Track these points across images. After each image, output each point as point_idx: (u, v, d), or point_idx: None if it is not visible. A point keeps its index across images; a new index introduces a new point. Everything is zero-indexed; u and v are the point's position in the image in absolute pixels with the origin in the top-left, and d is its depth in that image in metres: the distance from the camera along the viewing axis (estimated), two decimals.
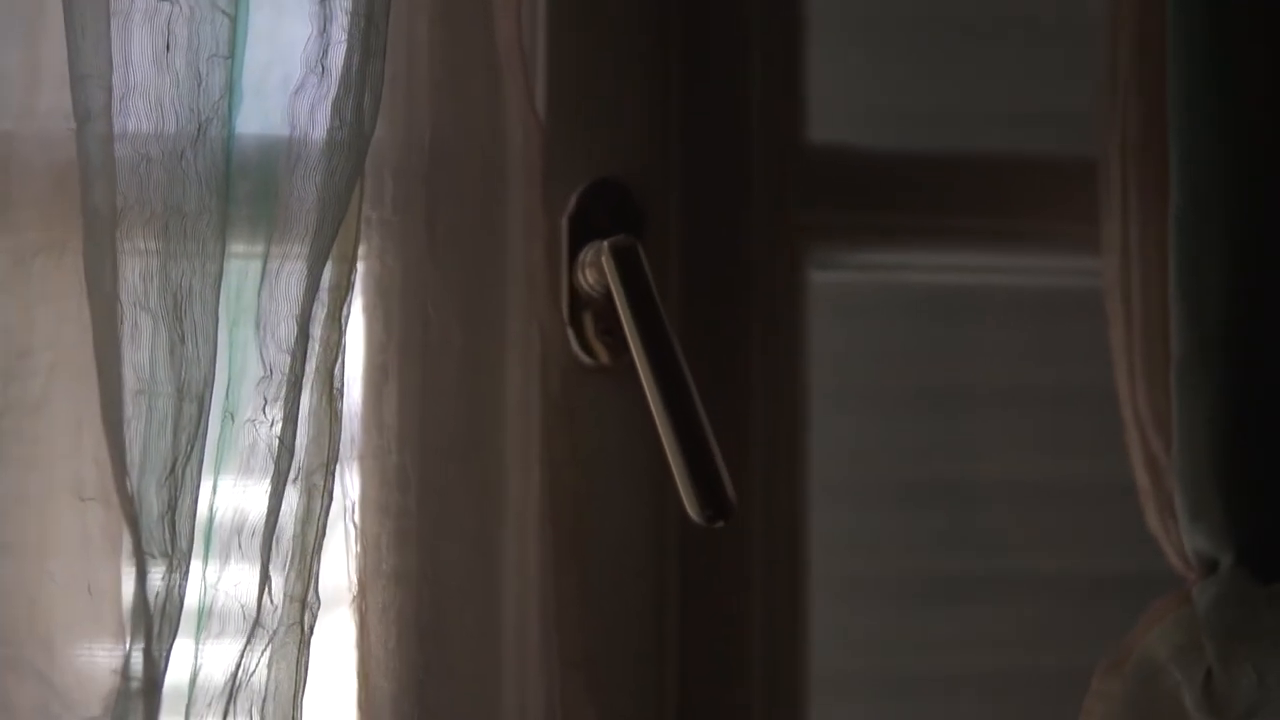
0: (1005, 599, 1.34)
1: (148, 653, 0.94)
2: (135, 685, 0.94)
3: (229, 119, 1.06)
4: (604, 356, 1.16)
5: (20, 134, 1.04)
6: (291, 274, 1.02)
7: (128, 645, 0.94)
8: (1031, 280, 1.31)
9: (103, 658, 0.95)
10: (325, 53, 1.05)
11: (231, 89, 1.07)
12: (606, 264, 1.06)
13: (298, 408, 1.01)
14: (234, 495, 1.02)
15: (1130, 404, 1.15)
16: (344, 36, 1.04)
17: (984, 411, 1.31)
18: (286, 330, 1.01)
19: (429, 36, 1.12)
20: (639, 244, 1.07)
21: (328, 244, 1.03)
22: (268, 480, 1.01)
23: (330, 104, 1.04)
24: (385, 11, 1.05)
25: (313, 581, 1.04)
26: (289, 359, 1.01)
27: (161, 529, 0.99)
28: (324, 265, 1.02)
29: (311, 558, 1.04)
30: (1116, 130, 1.17)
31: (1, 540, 0.96)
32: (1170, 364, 1.12)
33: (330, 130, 1.04)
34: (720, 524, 1.05)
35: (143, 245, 1.02)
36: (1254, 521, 1.09)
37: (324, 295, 1.05)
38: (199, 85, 1.05)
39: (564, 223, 1.14)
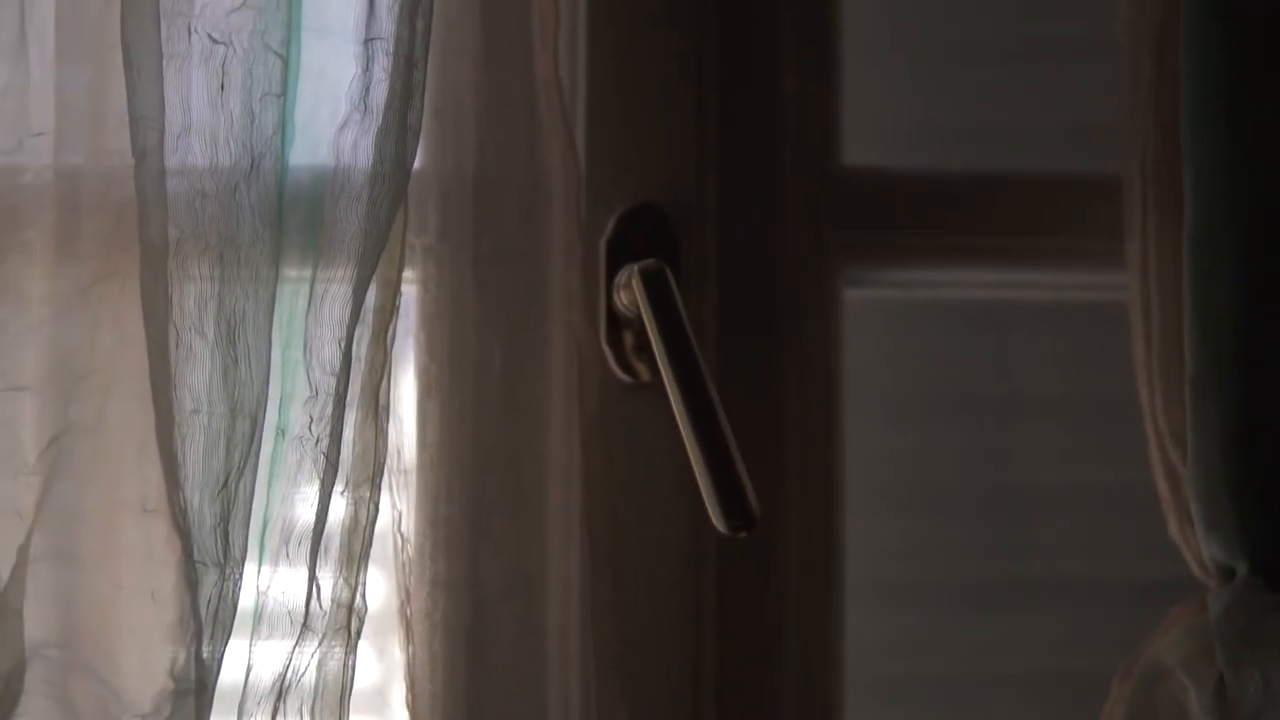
0: (1043, 604, 1.38)
1: (198, 655, 1.01)
2: (185, 686, 1.01)
3: (281, 153, 1.13)
4: (643, 374, 1.22)
5: (87, 171, 1.12)
6: (335, 299, 1.09)
7: (178, 648, 1.01)
8: (1066, 295, 1.35)
9: (157, 660, 1.02)
10: (368, 91, 1.11)
11: (284, 125, 1.13)
12: (636, 286, 1.12)
13: (342, 425, 1.08)
14: (284, 507, 1.09)
15: (1151, 417, 1.19)
16: (385, 76, 1.11)
17: (1021, 422, 1.35)
18: (330, 353, 1.08)
19: (472, 73, 1.18)
20: (667, 267, 1.13)
21: (369, 271, 1.09)
22: (314, 492, 1.08)
23: (372, 139, 1.11)
24: (424, 53, 1.11)
25: (359, 588, 1.11)
26: (333, 380, 1.08)
27: (214, 539, 1.06)
28: (366, 291, 1.09)
29: (358, 565, 1.11)
30: (1137, 150, 1.21)
31: (63, 550, 1.03)
32: (1185, 379, 1.16)
33: (372, 164, 1.10)
34: (744, 535, 1.11)
35: (198, 273, 1.09)
36: (1266, 531, 1.13)
37: (369, 318, 1.12)
38: (252, 123, 1.11)
39: (602, 246, 1.20)
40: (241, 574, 1.07)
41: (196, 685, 1.01)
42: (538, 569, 1.15)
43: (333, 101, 1.14)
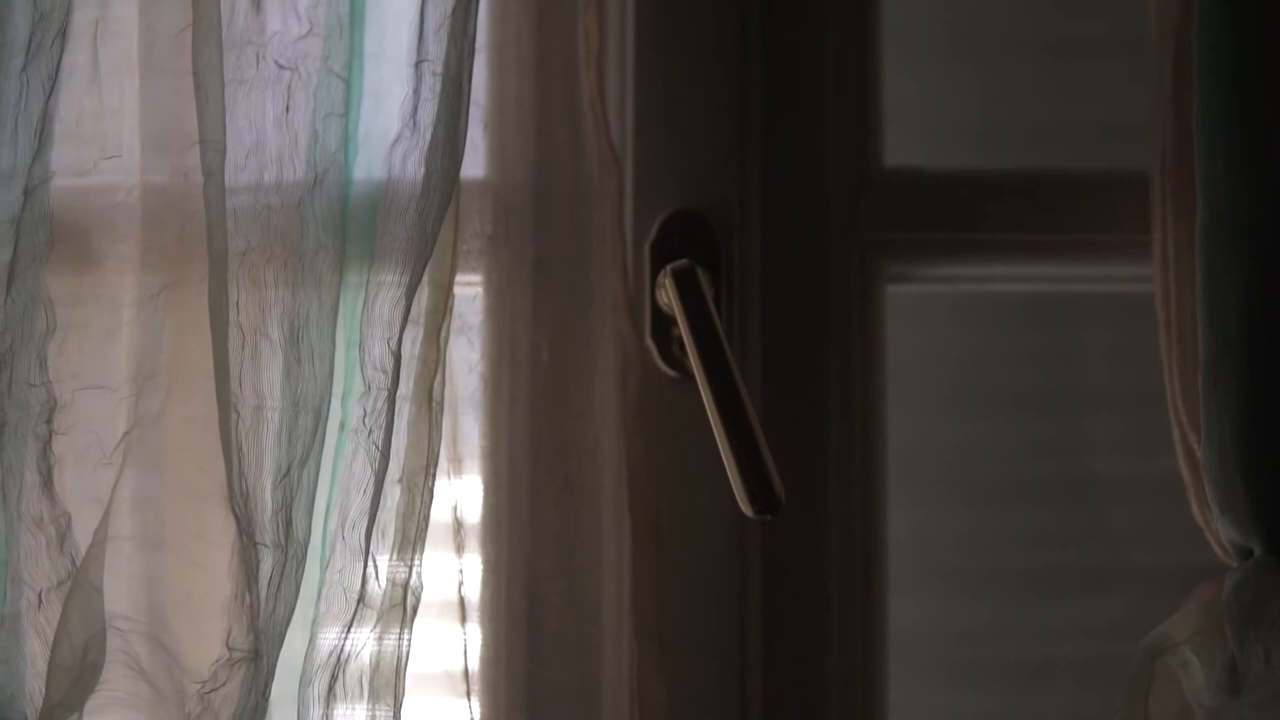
0: (1104, 590, 1.43)
1: (252, 627, 1.11)
2: (240, 655, 1.10)
3: (345, 168, 1.23)
4: (689, 367, 1.29)
5: (166, 188, 1.22)
6: (385, 302, 1.18)
7: (233, 621, 1.11)
8: (1120, 287, 1.40)
9: (214, 632, 1.12)
10: (416, 109, 1.20)
11: (346, 142, 1.23)
12: (668, 285, 1.20)
13: (392, 419, 1.17)
14: (342, 494, 1.19)
15: (1172, 403, 1.24)
16: (432, 95, 1.20)
17: (1078, 411, 1.41)
18: (380, 351, 1.17)
19: (519, 90, 1.27)
20: (697, 266, 1.21)
21: (418, 275, 1.18)
22: (368, 481, 1.17)
23: (420, 154, 1.19)
24: (469, 74, 1.20)
25: (415, 569, 1.20)
26: (384, 376, 1.17)
27: (275, 523, 1.15)
28: (415, 294, 1.18)
29: (414, 547, 1.20)
30: (1158, 146, 1.26)
31: (133, 533, 1.14)
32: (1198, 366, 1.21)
33: (420, 177, 1.19)
34: (769, 517, 1.18)
35: (264, 279, 1.19)
36: (1277, 513, 1.17)
37: (421, 319, 1.21)
38: (316, 141, 1.21)
39: (646, 249, 1.28)
40: (304, 555, 1.17)
41: (252, 654, 1.11)
42: (585, 550, 1.23)
43: (386, 119, 1.24)
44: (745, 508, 1.18)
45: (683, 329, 1.19)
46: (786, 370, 1.30)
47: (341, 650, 1.16)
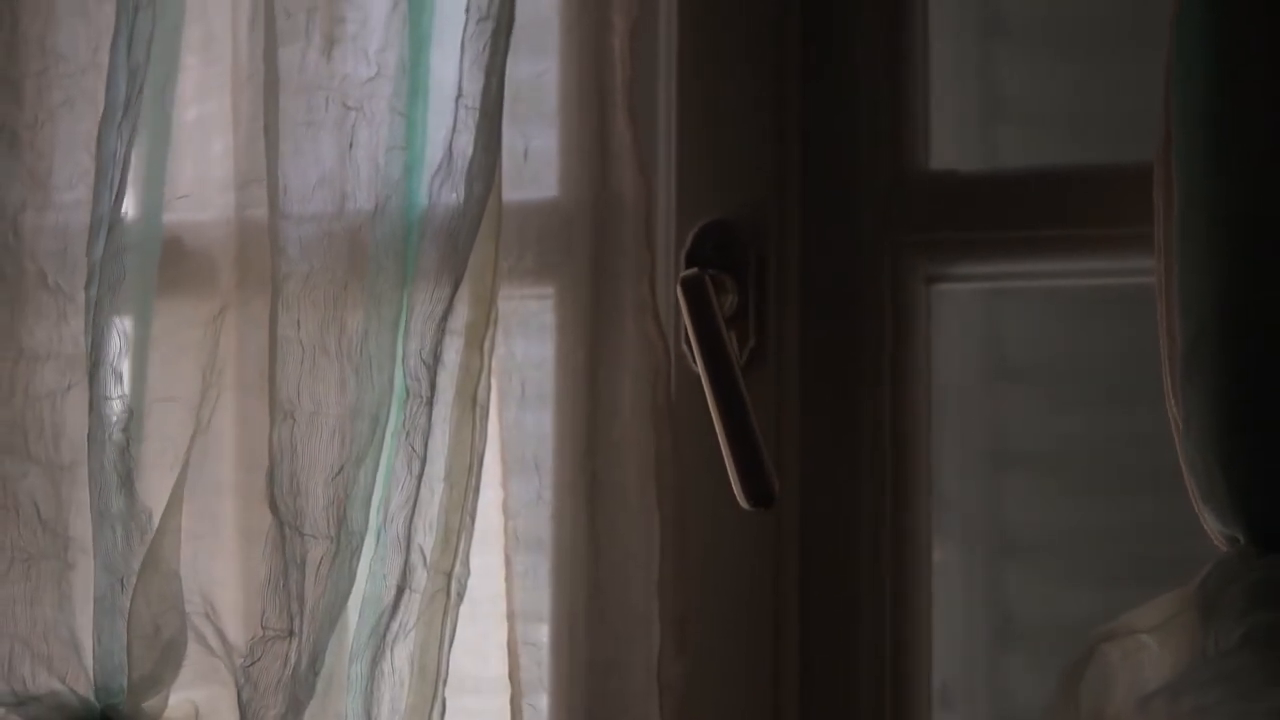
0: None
1: (286, 608, 1.25)
2: (273, 634, 1.25)
3: (407, 195, 1.36)
4: None
5: (236, 221, 1.37)
6: (419, 317, 1.30)
7: (268, 603, 1.26)
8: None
9: (253, 612, 1.27)
10: (452, 140, 1.32)
11: (409, 172, 1.36)
12: (678, 294, 1.29)
13: (429, 423, 1.30)
14: (391, 490, 1.31)
15: (1170, 395, 1.26)
16: (465, 127, 1.32)
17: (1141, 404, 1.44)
18: (415, 363, 1.29)
19: (560, 121, 1.37)
20: (706, 276, 1.30)
21: (450, 293, 1.30)
22: (406, 479, 1.30)
23: (457, 181, 1.31)
24: (499, 108, 1.31)
25: (458, 557, 1.32)
26: (419, 384, 1.29)
27: (327, 516, 1.29)
28: (449, 308, 1.29)
29: (457, 538, 1.32)
30: (1160, 136, 1.28)
31: (193, 527, 1.30)
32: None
33: (456, 202, 1.31)
34: (763, 510, 1.26)
35: (325, 300, 1.33)
36: (1259, 500, 1.19)
37: (463, 331, 1.33)
38: (377, 173, 1.34)
39: (681, 258, 1.37)
40: (358, 545, 1.30)
41: (286, 633, 1.25)
42: (610, 537, 1.34)
43: (436, 150, 1.36)
44: (742, 500, 1.27)
45: (690, 334, 1.29)
46: (825, 371, 1.37)
47: (386, 631, 1.30)
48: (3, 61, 1.42)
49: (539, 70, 1.38)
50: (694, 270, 1.31)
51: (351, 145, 1.35)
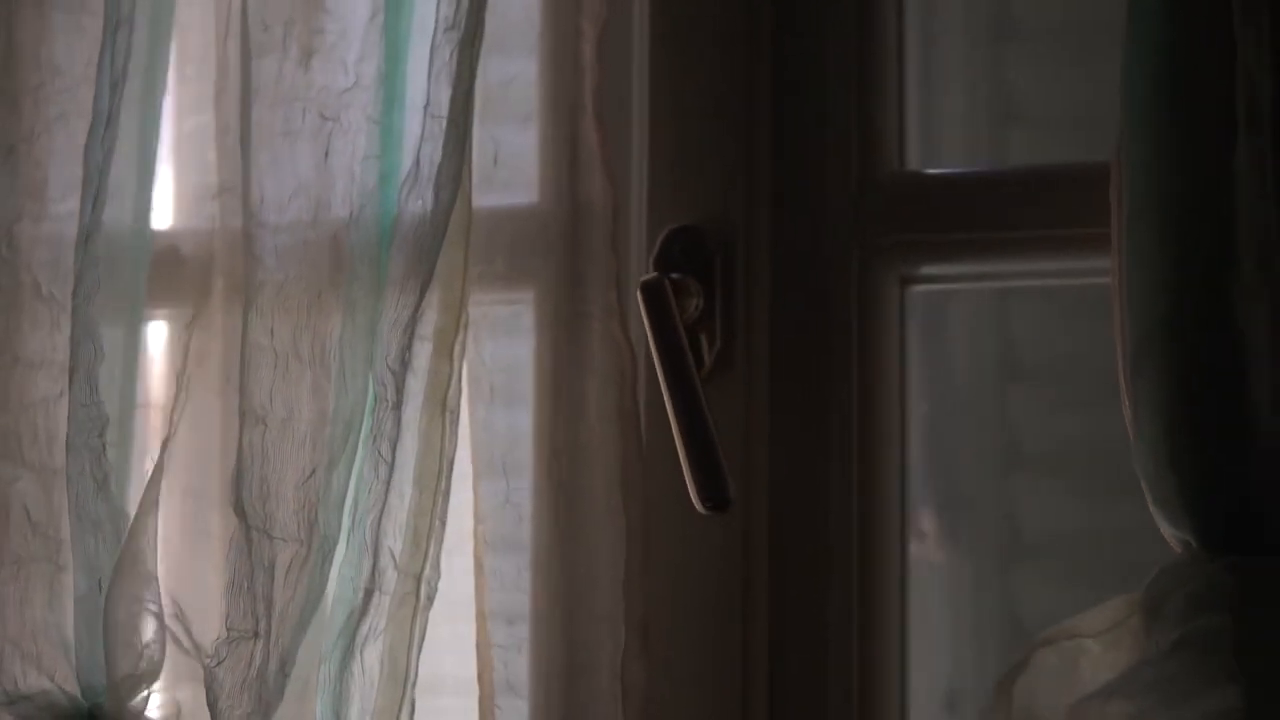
0: None
1: (251, 610, 1.28)
2: (238, 635, 1.28)
3: (381, 203, 1.38)
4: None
5: (209, 231, 1.40)
6: (390, 323, 1.32)
7: (232, 604, 1.28)
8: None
9: (218, 614, 1.30)
10: (420, 149, 1.34)
11: (384, 180, 1.38)
12: (638, 298, 1.30)
13: (396, 428, 1.31)
14: (360, 494, 1.33)
15: (1123, 396, 1.25)
16: (431, 136, 1.33)
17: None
18: (381, 369, 1.31)
19: (531, 130, 1.38)
20: (666, 280, 1.31)
21: (416, 299, 1.31)
22: (374, 483, 1.32)
23: (421, 189, 1.33)
24: (468, 117, 1.33)
25: (427, 560, 1.34)
26: (385, 390, 1.31)
27: (297, 520, 1.32)
28: (417, 315, 1.31)
29: (427, 541, 1.34)
30: (1116, 135, 1.27)
31: (162, 531, 1.33)
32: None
33: (421, 210, 1.32)
34: (720, 512, 1.27)
35: (298, 306, 1.35)
36: (1207, 502, 1.17)
37: (432, 337, 1.35)
38: (353, 182, 1.36)
39: (650, 263, 1.38)
40: (330, 548, 1.32)
41: (250, 634, 1.28)
42: (576, 538, 1.35)
43: (408, 159, 1.37)
44: (697, 503, 1.28)
45: (650, 338, 1.30)
46: (793, 373, 1.38)
47: (356, 633, 1.32)
48: (1, 76, 1.47)
49: (510, 75, 1.39)
50: (654, 275, 1.32)
51: (328, 154, 1.38)
